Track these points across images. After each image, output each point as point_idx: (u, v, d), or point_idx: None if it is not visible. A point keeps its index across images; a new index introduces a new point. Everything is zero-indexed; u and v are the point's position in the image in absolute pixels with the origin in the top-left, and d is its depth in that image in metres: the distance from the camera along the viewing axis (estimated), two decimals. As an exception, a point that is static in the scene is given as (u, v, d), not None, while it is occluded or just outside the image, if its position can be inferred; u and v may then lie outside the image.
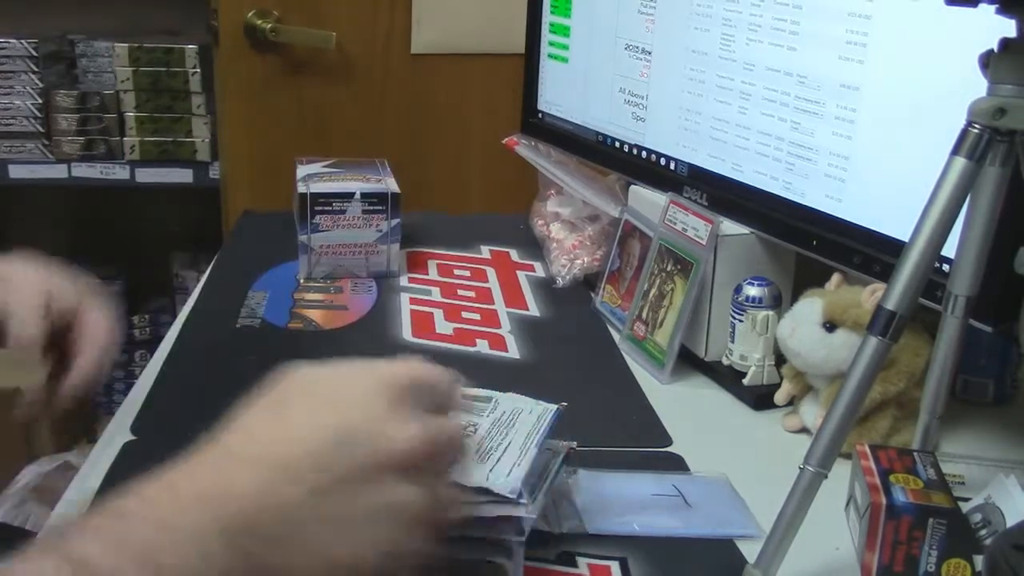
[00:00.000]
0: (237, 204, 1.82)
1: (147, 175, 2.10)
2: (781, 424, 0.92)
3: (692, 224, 1.00)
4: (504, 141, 1.35)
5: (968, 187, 0.66)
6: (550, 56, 1.29)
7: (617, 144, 1.18)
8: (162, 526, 0.48)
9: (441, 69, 1.90)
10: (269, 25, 1.81)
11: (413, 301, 1.15)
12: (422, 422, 0.55)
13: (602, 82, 1.19)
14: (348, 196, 1.18)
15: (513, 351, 1.04)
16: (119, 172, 2.10)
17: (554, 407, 0.73)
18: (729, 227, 0.99)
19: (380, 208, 1.19)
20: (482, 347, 1.04)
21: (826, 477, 0.66)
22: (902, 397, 0.85)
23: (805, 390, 0.92)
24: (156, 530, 0.47)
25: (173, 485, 0.50)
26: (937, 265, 0.75)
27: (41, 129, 2.07)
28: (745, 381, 0.96)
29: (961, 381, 0.97)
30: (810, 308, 0.88)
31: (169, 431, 0.85)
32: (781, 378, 0.94)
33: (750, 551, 0.69)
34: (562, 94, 1.28)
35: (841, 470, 0.70)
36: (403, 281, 1.21)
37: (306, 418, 0.54)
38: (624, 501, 0.77)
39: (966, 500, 0.72)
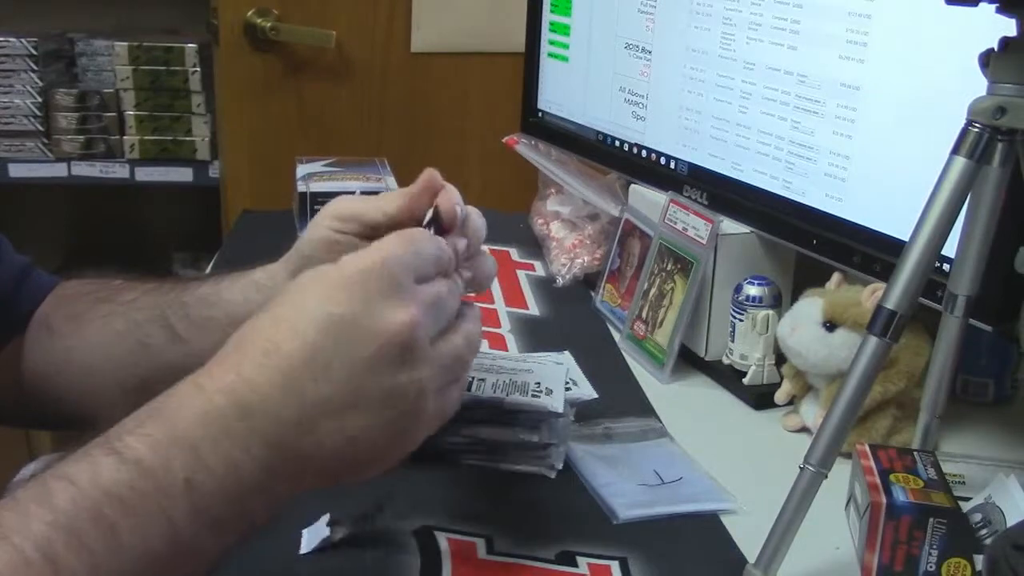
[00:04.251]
0: (237, 203, 1.82)
1: (147, 174, 2.10)
2: (781, 423, 0.92)
3: (692, 223, 1.00)
4: (504, 140, 1.35)
5: (968, 186, 0.66)
6: (550, 55, 1.28)
7: (617, 143, 1.18)
8: (198, 419, 0.51)
9: (441, 68, 1.90)
10: (269, 24, 1.81)
11: (413, 300, 1.15)
12: (414, 297, 0.56)
13: (602, 81, 1.19)
14: (348, 195, 1.18)
15: (513, 350, 1.04)
16: (119, 171, 2.10)
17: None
18: (729, 226, 0.99)
19: None
20: (482, 346, 1.04)
21: (826, 476, 0.65)
22: (902, 397, 0.85)
23: (805, 389, 0.92)
24: (193, 424, 0.51)
25: (198, 384, 0.53)
26: (937, 265, 0.75)
27: (41, 128, 2.07)
28: (745, 380, 0.96)
29: (961, 381, 0.97)
30: (810, 307, 0.88)
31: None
32: (781, 377, 0.94)
33: (750, 550, 0.69)
34: (562, 93, 1.28)
35: (841, 470, 0.70)
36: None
37: (306, 313, 0.55)
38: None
39: (966, 500, 0.72)
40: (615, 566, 0.70)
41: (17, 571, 0.45)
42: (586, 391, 0.86)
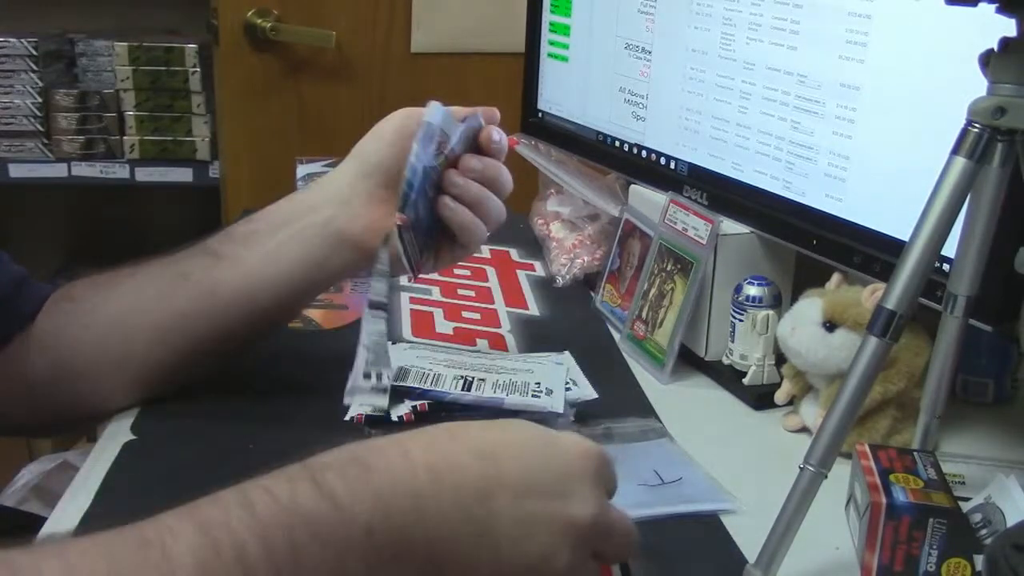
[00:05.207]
0: (237, 203, 1.82)
1: (147, 174, 2.10)
2: (781, 424, 0.92)
3: (692, 223, 1.00)
4: (504, 140, 1.35)
5: (968, 187, 0.66)
6: (550, 55, 1.28)
7: (617, 143, 1.18)
8: (394, 483, 0.52)
9: (441, 68, 1.90)
10: (269, 24, 1.81)
11: (413, 300, 1.15)
12: (615, 509, 0.57)
13: (602, 81, 1.19)
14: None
15: (513, 350, 1.04)
16: (119, 171, 2.10)
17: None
18: (729, 226, 0.99)
19: None
20: (482, 346, 1.04)
21: (826, 477, 0.65)
22: (902, 397, 0.85)
23: (805, 389, 0.92)
24: (390, 484, 0.52)
25: (407, 451, 0.54)
26: (937, 265, 0.75)
27: (41, 128, 2.07)
28: (745, 381, 0.96)
29: (961, 381, 0.97)
30: (810, 308, 0.88)
31: (169, 431, 0.86)
32: (781, 377, 0.94)
33: (750, 550, 0.69)
34: (562, 93, 1.28)
35: (841, 470, 0.70)
36: (403, 280, 1.21)
37: (533, 442, 0.57)
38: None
39: (966, 500, 0.73)
40: (615, 566, 0.70)
41: (208, 563, 0.46)
42: (586, 391, 0.86)
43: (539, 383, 0.81)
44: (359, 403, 0.82)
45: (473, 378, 0.83)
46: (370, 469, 0.52)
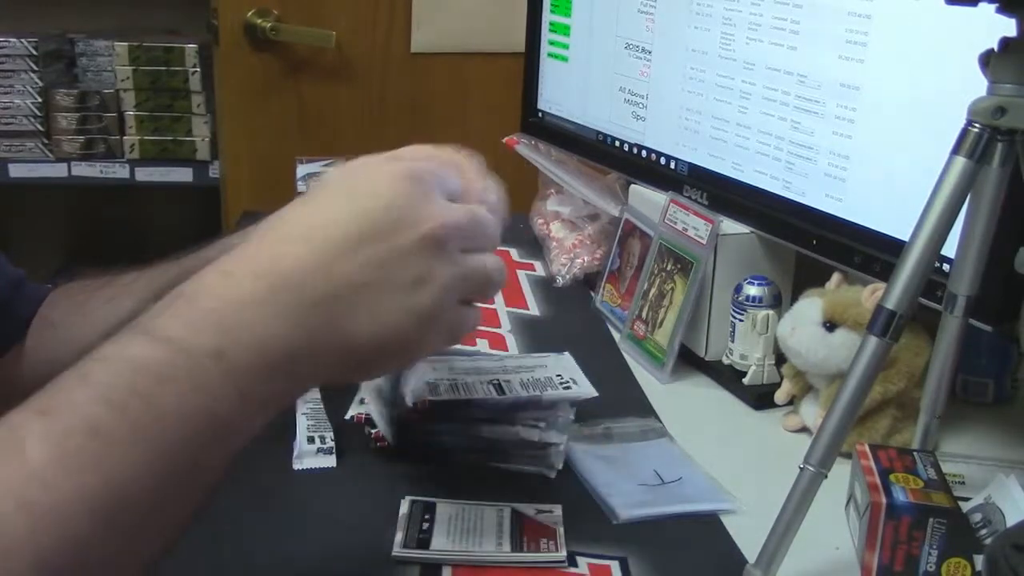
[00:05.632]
0: (237, 203, 1.83)
1: (147, 174, 2.11)
2: (781, 424, 0.92)
3: (692, 223, 1.00)
4: (504, 140, 1.35)
5: (968, 187, 0.66)
6: (550, 55, 1.29)
7: (617, 143, 1.18)
8: (228, 300, 0.52)
9: (441, 68, 1.90)
10: (269, 24, 1.81)
11: (413, 300, 1.15)
12: (449, 205, 0.59)
13: (602, 81, 1.19)
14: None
15: (513, 350, 1.04)
16: (119, 171, 2.10)
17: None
18: (729, 226, 0.99)
19: None
20: (482, 346, 1.04)
21: (826, 477, 0.65)
22: (902, 397, 0.85)
23: (805, 389, 0.92)
24: (222, 304, 0.52)
25: (226, 272, 0.53)
26: (937, 265, 0.75)
27: (41, 128, 2.07)
28: (745, 380, 0.96)
29: (961, 381, 0.97)
30: (810, 307, 0.88)
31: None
32: (781, 377, 0.94)
33: (750, 550, 0.69)
34: (562, 93, 1.28)
35: (841, 470, 0.70)
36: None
37: (345, 202, 0.57)
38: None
39: (966, 500, 0.72)
40: (615, 566, 0.70)
41: (59, 443, 0.46)
42: (586, 390, 0.86)
43: (560, 375, 0.82)
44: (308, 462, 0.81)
45: (499, 380, 0.83)
46: (193, 299, 0.52)
